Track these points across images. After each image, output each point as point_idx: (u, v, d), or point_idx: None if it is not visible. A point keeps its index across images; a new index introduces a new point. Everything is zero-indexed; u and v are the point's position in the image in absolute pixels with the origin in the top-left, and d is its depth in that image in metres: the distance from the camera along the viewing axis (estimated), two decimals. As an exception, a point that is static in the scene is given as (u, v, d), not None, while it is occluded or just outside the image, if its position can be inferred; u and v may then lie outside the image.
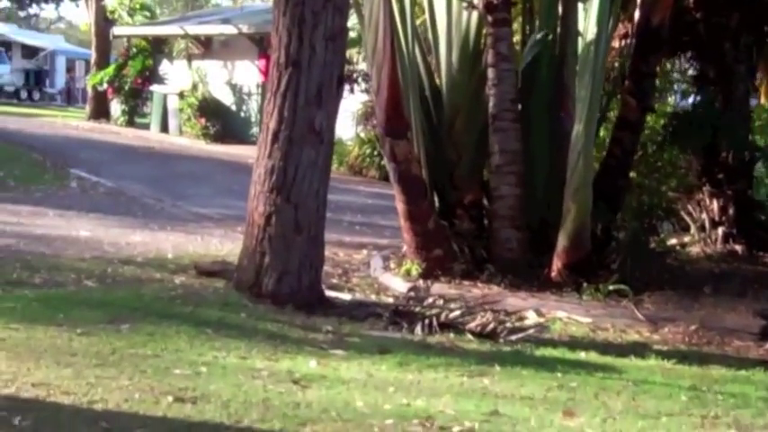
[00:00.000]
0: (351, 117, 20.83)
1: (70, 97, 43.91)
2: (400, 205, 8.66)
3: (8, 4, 71.40)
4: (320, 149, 7.03)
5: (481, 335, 6.58)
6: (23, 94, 42.68)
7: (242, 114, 24.93)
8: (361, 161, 19.29)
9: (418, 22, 10.25)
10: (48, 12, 74.22)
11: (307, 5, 6.86)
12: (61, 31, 61.40)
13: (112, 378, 4.44)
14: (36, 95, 43.73)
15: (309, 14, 6.87)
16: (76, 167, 16.46)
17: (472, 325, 6.66)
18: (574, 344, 6.83)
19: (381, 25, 8.15)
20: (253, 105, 24.55)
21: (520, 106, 9.02)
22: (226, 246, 10.25)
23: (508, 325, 6.81)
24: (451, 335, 6.62)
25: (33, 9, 72.34)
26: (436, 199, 9.24)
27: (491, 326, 6.63)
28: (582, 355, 6.43)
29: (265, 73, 23.43)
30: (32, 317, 5.69)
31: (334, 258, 9.80)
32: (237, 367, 5.01)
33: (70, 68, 45.89)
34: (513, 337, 6.57)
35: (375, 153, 18.61)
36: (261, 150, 7.07)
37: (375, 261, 9.57)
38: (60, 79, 46.10)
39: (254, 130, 24.03)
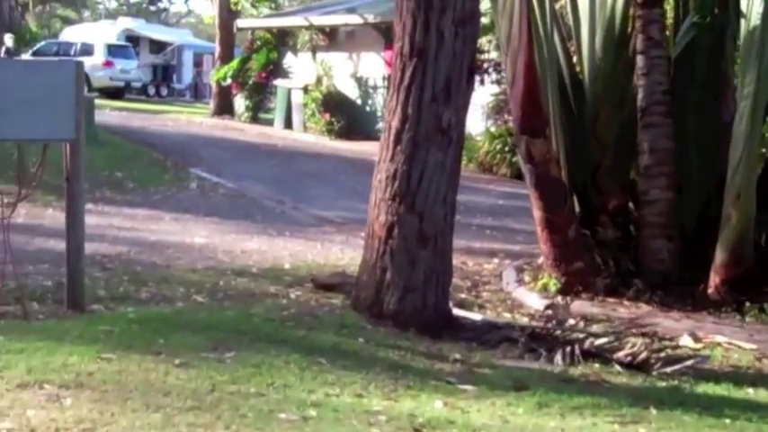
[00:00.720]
0: (480, 111, 20.13)
1: (198, 93, 44.28)
2: (537, 212, 7.97)
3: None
4: (448, 151, 6.43)
5: (631, 366, 5.86)
6: (151, 90, 43.28)
7: (367, 109, 24.49)
8: (491, 158, 18.50)
9: (557, 5, 9.53)
10: (177, 6, 76.47)
11: (434, -14, 6.29)
12: (191, 26, 62.31)
13: (207, 426, 3.94)
14: (164, 91, 44.33)
15: (437, -3, 6.29)
16: (197, 167, 16.35)
17: (621, 354, 5.93)
18: (738, 377, 6.00)
19: (517, 8, 7.49)
20: (378, 99, 24.06)
21: (672, 98, 8.20)
22: (346, 254, 9.76)
23: (662, 354, 6.04)
24: (597, 365, 5.92)
25: (163, 3, 74.66)
26: (576, 204, 8.48)
27: (642, 355, 5.89)
28: (750, 392, 5.64)
29: (391, 64, 22.95)
30: (129, 343, 5.27)
31: (463, 268, 9.18)
32: (352, 409, 4.45)
33: (198, 63, 46.35)
34: (668, 369, 5.81)
35: (506, 149, 17.86)
36: (382, 153, 6.52)
37: (508, 273, 8.89)
38: (188, 74, 46.62)
39: (380, 125, 23.50)
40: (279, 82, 25.88)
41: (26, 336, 5.36)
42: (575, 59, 8.94)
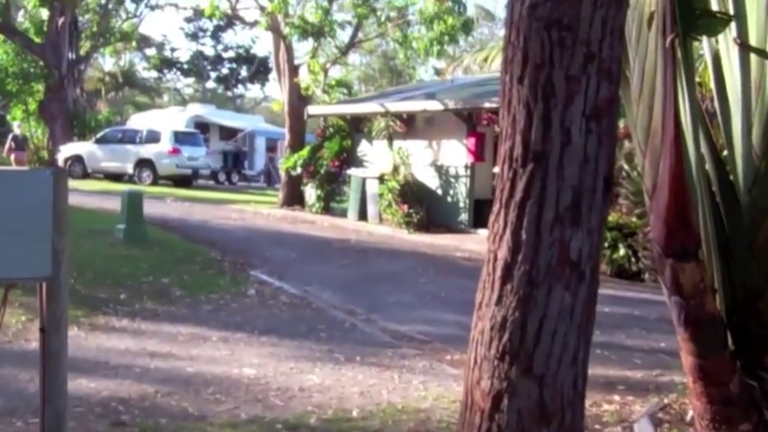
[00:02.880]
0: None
1: (270, 179, 43.73)
2: (688, 358, 6.06)
3: (214, 86, 74.57)
4: (578, 290, 4.63)
5: None
6: (221, 177, 42.86)
7: (448, 199, 22.91)
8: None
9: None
10: (254, 92, 76.87)
11: (557, 67, 4.56)
12: (267, 111, 62.26)
13: None
14: (235, 178, 43.92)
15: (560, 81, 4.56)
16: (258, 269, 14.79)
17: None
18: None
19: (659, 93, 5.74)
20: (461, 189, 22.51)
21: None
22: (430, 390, 8.01)
23: None
24: None
25: (239, 89, 75.14)
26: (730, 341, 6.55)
27: None
28: None
29: (475, 153, 21.43)
30: None
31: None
32: None
33: (272, 149, 45.84)
34: None
35: (605, 244, 16.05)
36: (485, 293, 4.73)
37: (642, 427, 6.96)
38: (260, 160, 46.19)
39: (463, 216, 22.01)
40: (353, 171, 24.50)
41: None
42: (724, 160, 7.06)
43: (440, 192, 23.09)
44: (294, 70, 27.31)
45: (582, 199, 4.62)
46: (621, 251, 16.12)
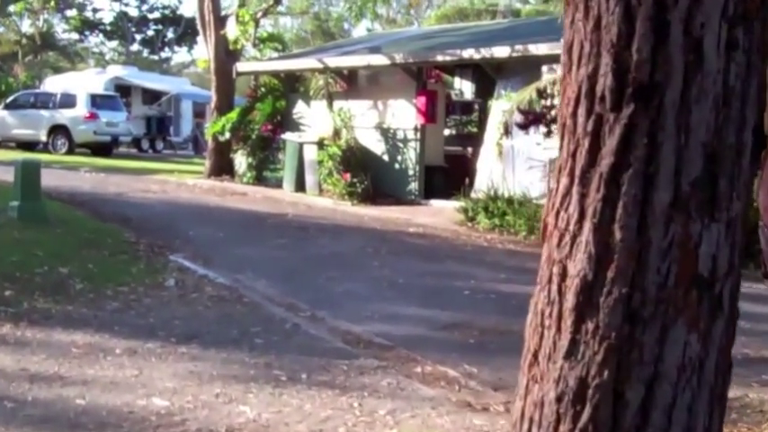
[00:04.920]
0: (542, 168, 16.56)
1: (198, 146, 41.81)
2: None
3: (139, 49, 72.00)
4: (713, 329, 2.70)
5: None
6: (145, 145, 40.97)
7: (396, 166, 20.95)
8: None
9: None
10: (181, 55, 74.80)
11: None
12: (196, 76, 60.42)
13: None
14: (159, 145, 42.03)
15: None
16: (179, 252, 12.73)
17: None
18: None
19: None
20: (410, 155, 20.56)
21: None
22: (403, 424, 6.10)
23: None
24: None
25: (166, 53, 72.75)
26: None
27: None
28: None
29: (425, 113, 19.48)
30: None
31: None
32: None
33: (199, 114, 43.72)
34: None
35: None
36: (543, 336, 2.81)
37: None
38: (187, 126, 44.07)
39: (412, 186, 20.07)
40: (288, 136, 22.39)
41: None
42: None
43: (386, 158, 21.18)
44: (220, 21, 24.96)
45: (720, 167, 2.65)
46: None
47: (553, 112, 14.44)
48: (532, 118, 14.43)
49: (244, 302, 9.86)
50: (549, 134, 14.57)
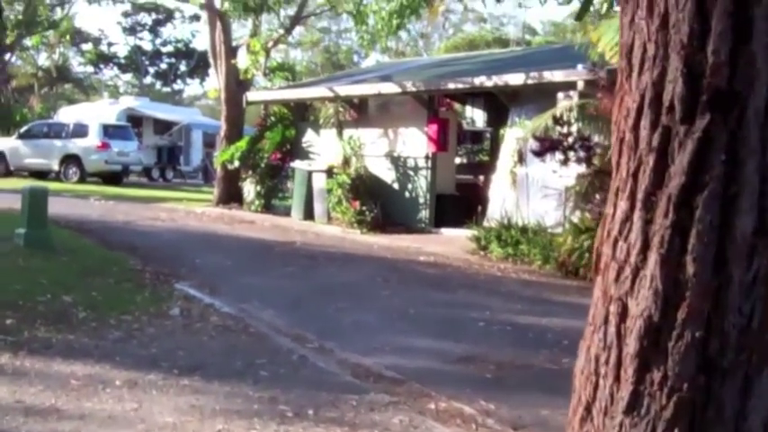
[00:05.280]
0: (557, 196, 16.14)
1: (208, 175, 41.71)
2: None
3: (152, 81, 72.22)
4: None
5: None
6: (155, 174, 40.97)
7: (406, 195, 20.55)
8: (577, 258, 14.31)
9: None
10: (193, 87, 75.11)
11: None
12: (207, 108, 60.67)
13: None
14: (169, 174, 42.01)
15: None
16: (185, 280, 12.32)
17: None
18: None
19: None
20: (421, 183, 20.16)
21: None
22: (420, 469, 5.63)
23: None
24: None
25: (178, 85, 73.05)
26: None
27: None
28: None
29: (437, 141, 19.11)
30: None
31: None
32: None
33: (210, 144, 43.62)
34: None
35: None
36: (597, 386, 2.33)
37: None
38: (197, 155, 43.99)
39: (422, 214, 19.65)
40: (297, 164, 22.03)
41: None
42: None
43: (396, 186, 20.77)
44: (232, 51, 24.69)
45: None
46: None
47: (570, 140, 14.02)
48: (548, 145, 14.02)
49: (249, 333, 9.42)
50: (566, 162, 14.12)
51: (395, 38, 31.45)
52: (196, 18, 66.16)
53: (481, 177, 21.78)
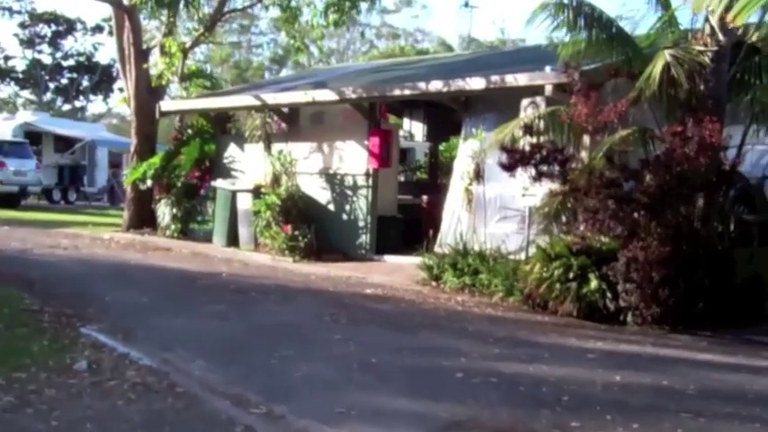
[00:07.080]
0: (518, 218, 14.76)
1: (114, 197, 40.59)
2: None
3: (53, 97, 69.83)
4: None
5: None
6: (56, 195, 39.66)
7: (344, 217, 19.13)
8: (546, 289, 12.81)
9: None
10: (96, 105, 72.73)
11: None
12: (113, 127, 58.87)
13: None
14: (72, 196, 40.79)
15: None
16: (93, 323, 10.76)
17: None
18: None
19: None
20: (360, 203, 18.71)
21: None
22: None
23: None
24: None
25: (81, 101, 70.64)
26: None
27: None
28: None
29: (378, 156, 17.67)
30: None
31: None
32: None
33: (116, 164, 42.21)
34: None
35: (570, 276, 12.40)
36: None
37: None
38: (102, 176, 42.47)
39: (362, 239, 18.19)
40: (218, 183, 20.60)
41: None
42: None
43: (333, 207, 19.36)
44: (143, 55, 23.04)
45: None
46: (593, 283, 12.38)
47: (544, 151, 12.57)
48: (519, 157, 12.55)
49: (177, 394, 7.73)
50: (539, 177, 12.68)
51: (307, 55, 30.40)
52: (99, 29, 64.18)
53: (424, 197, 20.50)
